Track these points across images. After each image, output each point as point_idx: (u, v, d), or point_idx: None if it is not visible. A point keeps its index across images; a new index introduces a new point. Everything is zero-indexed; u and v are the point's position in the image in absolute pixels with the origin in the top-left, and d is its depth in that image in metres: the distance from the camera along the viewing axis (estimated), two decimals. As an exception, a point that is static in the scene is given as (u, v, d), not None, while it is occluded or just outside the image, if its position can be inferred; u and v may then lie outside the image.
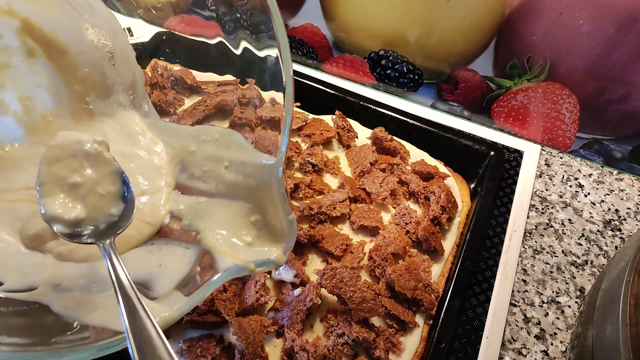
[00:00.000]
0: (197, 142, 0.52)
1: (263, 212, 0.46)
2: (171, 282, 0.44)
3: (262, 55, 0.49)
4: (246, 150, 0.49)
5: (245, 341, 0.51)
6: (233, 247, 0.45)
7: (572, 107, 0.76)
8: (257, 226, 0.46)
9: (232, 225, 0.47)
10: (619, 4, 0.62)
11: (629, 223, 0.74)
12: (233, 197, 0.48)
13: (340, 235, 0.63)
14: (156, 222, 0.49)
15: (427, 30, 0.77)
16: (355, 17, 0.82)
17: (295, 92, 0.82)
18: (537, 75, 0.75)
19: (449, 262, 0.66)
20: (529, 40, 0.72)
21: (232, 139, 0.51)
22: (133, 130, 0.54)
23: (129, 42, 0.57)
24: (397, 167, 0.72)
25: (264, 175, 0.46)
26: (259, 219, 0.46)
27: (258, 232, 0.46)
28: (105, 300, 0.41)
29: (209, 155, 0.51)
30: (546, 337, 0.62)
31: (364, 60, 0.88)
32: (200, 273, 0.44)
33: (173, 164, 0.52)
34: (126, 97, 0.55)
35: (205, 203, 0.49)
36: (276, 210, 0.44)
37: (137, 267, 0.45)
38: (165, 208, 0.50)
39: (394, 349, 0.56)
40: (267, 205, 0.45)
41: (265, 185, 0.45)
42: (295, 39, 0.91)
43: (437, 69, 0.83)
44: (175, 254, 0.46)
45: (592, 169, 0.80)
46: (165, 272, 0.44)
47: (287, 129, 0.44)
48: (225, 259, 0.43)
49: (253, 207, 0.47)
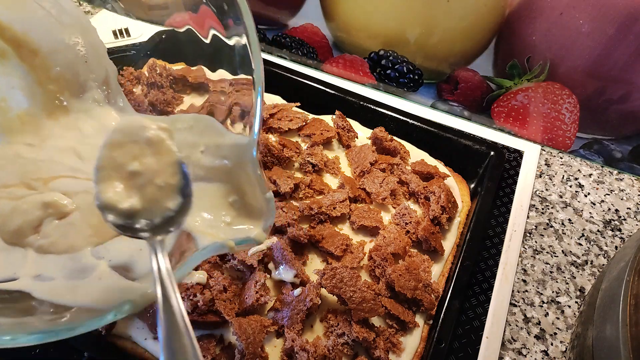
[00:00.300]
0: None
1: (241, 192, 0.47)
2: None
3: (232, 43, 0.50)
4: (221, 134, 0.49)
5: (245, 341, 0.51)
6: (212, 227, 0.45)
7: (572, 107, 0.76)
8: (236, 206, 0.47)
9: (210, 207, 0.47)
10: (619, 4, 0.62)
11: (629, 223, 0.74)
12: (211, 180, 0.49)
13: (340, 235, 0.63)
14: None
15: (427, 30, 0.77)
16: (355, 17, 0.82)
17: (295, 92, 0.83)
18: (537, 75, 0.75)
19: (449, 262, 0.66)
20: (529, 40, 0.72)
21: (207, 124, 0.51)
22: (109, 125, 0.54)
23: (99, 38, 0.57)
24: (397, 167, 0.72)
25: (238, 155, 0.46)
26: (237, 199, 0.47)
27: (237, 212, 0.46)
28: (85, 285, 0.41)
29: (184, 142, 0.51)
30: (546, 337, 0.62)
31: (364, 60, 0.88)
32: (181, 253, 0.44)
33: None
34: (100, 93, 0.56)
35: None
36: (253, 190, 0.44)
37: (119, 254, 0.45)
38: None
39: (394, 349, 0.56)
40: (244, 186, 0.46)
41: (240, 165, 0.46)
42: (295, 39, 0.91)
43: (437, 69, 0.83)
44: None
45: (592, 169, 0.80)
46: (145, 255, 0.44)
47: (258, 107, 0.44)
48: (204, 237, 0.43)
49: (231, 189, 0.47)
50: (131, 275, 0.43)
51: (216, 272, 0.58)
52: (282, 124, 0.74)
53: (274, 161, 0.69)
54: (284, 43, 0.93)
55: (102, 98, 0.55)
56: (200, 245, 0.42)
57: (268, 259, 0.59)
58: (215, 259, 0.60)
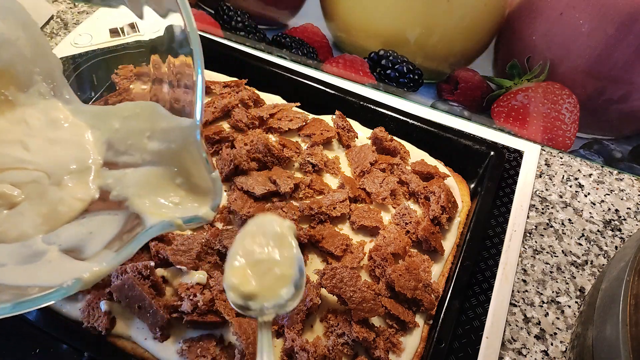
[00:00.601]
0: (119, 119, 0.55)
1: (188, 174, 0.49)
2: (100, 243, 0.46)
3: (168, 23, 0.52)
4: (166, 118, 0.51)
5: (245, 341, 0.51)
6: (161, 207, 0.48)
7: (572, 107, 0.76)
8: (184, 187, 0.49)
9: (158, 189, 0.49)
10: (619, 4, 0.62)
11: (629, 223, 0.74)
12: (158, 163, 0.51)
13: (340, 235, 0.63)
14: (86, 198, 0.51)
15: (427, 30, 0.77)
16: (355, 17, 0.82)
17: (295, 92, 0.83)
18: (537, 75, 0.75)
19: (449, 262, 0.66)
20: (529, 40, 0.71)
21: (152, 110, 0.53)
22: (56, 118, 0.56)
23: (41, 32, 0.58)
24: (397, 167, 0.72)
25: (183, 137, 0.48)
26: (184, 180, 0.49)
27: (185, 193, 0.49)
28: (36, 268, 0.44)
29: (131, 129, 0.53)
30: (546, 337, 0.62)
31: (364, 60, 0.88)
32: (129, 233, 0.46)
33: (99, 143, 0.55)
34: (46, 86, 0.57)
35: (131, 173, 0.52)
36: (199, 170, 0.46)
37: (69, 238, 0.47)
38: (95, 183, 0.52)
39: (394, 349, 0.56)
40: (191, 167, 0.48)
41: (185, 147, 0.48)
42: (295, 39, 0.91)
43: (437, 69, 0.83)
44: (105, 222, 0.49)
45: (592, 169, 0.80)
46: (95, 237, 0.47)
47: (199, 89, 0.46)
48: (152, 217, 0.45)
49: (178, 171, 0.50)
50: (81, 257, 0.46)
51: (216, 272, 0.58)
52: (282, 124, 0.74)
53: (274, 161, 0.69)
54: (284, 43, 0.93)
55: (48, 91, 0.57)
56: (148, 224, 0.44)
57: (268, 259, 0.59)
58: (215, 259, 0.60)
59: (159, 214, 0.46)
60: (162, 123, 0.51)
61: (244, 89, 0.78)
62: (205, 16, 0.96)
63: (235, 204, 0.63)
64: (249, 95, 0.77)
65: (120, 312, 0.57)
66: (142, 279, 0.55)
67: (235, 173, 0.67)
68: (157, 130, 0.52)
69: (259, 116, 0.74)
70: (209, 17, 0.96)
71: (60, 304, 0.58)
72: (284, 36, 0.92)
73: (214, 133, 0.70)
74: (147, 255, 0.60)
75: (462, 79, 0.82)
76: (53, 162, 0.52)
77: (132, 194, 0.49)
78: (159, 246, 0.59)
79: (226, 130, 0.72)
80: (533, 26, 0.70)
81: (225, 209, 0.65)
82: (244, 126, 0.73)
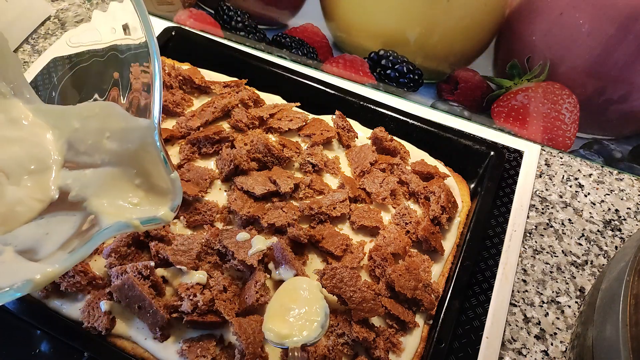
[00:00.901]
0: (80, 119, 0.55)
1: (147, 174, 0.49)
2: (55, 244, 0.46)
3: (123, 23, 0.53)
4: (124, 119, 0.52)
5: (245, 341, 0.51)
6: (119, 208, 0.48)
7: (572, 107, 0.76)
8: (143, 188, 0.49)
9: (117, 189, 0.50)
10: (619, 4, 0.62)
11: (629, 223, 0.74)
12: (117, 164, 0.51)
13: (340, 235, 0.63)
14: (45, 199, 0.52)
15: (427, 30, 0.77)
16: (355, 17, 0.82)
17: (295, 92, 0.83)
18: (537, 75, 0.75)
19: (449, 262, 0.66)
20: (529, 40, 0.71)
21: (111, 111, 0.54)
22: (17, 117, 0.56)
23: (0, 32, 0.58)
24: (397, 167, 0.72)
25: (141, 138, 0.48)
26: (143, 181, 0.49)
27: (144, 194, 0.49)
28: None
29: (91, 129, 0.54)
30: (546, 337, 0.62)
31: (364, 60, 0.88)
32: (86, 233, 0.46)
33: (60, 143, 0.55)
34: (6, 86, 0.57)
35: (90, 173, 0.52)
36: (159, 171, 0.47)
37: (25, 239, 0.48)
38: (54, 184, 0.53)
39: (394, 349, 0.56)
40: (150, 167, 0.48)
41: (144, 148, 0.48)
42: (295, 39, 0.91)
43: (437, 69, 0.83)
44: (62, 222, 0.50)
45: (592, 169, 0.80)
46: (51, 238, 0.48)
47: (156, 88, 0.46)
48: (108, 217, 0.46)
49: (137, 172, 0.50)
50: (36, 258, 0.46)
51: (216, 272, 0.58)
52: (282, 124, 0.74)
53: (274, 161, 0.69)
54: (284, 43, 0.93)
55: (8, 91, 0.57)
56: (104, 225, 0.44)
57: (268, 259, 0.59)
58: (215, 260, 0.60)
59: (115, 215, 0.46)
60: (120, 123, 0.52)
61: (244, 89, 0.78)
62: (205, 16, 0.96)
63: (235, 204, 0.63)
64: (249, 95, 0.77)
65: (120, 312, 0.57)
66: (142, 279, 0.55)
67: (235, 173, 0.67)
68: (116, 130, 0.52)
69: (259, 116, 0.74)
70: (209, 17, 0.96)
71: (60, 304, 0.58)
72: (284, 36, 0.92)
73: (214, 133, 0.70)
74: (147, 255, 0.60)
75: (462, 79, 0.81)
76: (12, 162, 0.52)
77: (90, 194, 0.49)
78: (159, 246, 0.59)
79: (226, 130, 0.72)
80: (533, 26, 0.70)
81: (225, 209, 0.65)
82: (244, 126, 0.73)
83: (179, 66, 0.81)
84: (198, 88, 0.79)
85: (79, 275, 0.56)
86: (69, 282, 0.56)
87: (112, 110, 0.54)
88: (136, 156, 0.49)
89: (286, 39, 0.92)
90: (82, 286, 0.57)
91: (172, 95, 0.76)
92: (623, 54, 0.66)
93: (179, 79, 0.78)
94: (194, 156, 0.71)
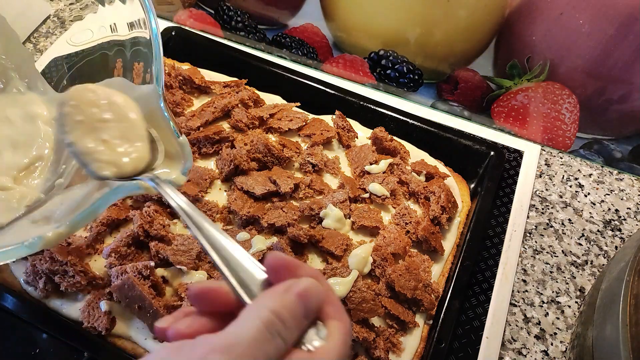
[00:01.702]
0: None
1: (156, 140, 0.50)
2: (68, 208, 0.48)
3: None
4: (131, 88, 0.53)
5: (245, 341, 0.51)
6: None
7: (572, 107, 0.76)
8: (153, 154, 0.50)
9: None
10: (619, 4, 0.62)
11: (629, 223, 0.74)
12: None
13: (340, 235, 0.63)
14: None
15: (427, 30, 0.77)
16: (355, 17, 0.82)
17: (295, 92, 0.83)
18: (537, 75, 0.75)
19: (449, 262, 0.66)
20: (529, 40, 0.71)
21: (119, 83, 0.55)
22: (35, 112, 0.58)
23: (10, 26, 0.59)
24: (397, 167, 0.72)
25: (147, 104, 0.49)
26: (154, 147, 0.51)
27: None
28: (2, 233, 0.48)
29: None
30: (546, 337, 0.62)
31: (364, 60, 0.88)
32: (96, 194, 0.47)
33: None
34: (21, 81, 0.58)
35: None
36: (167, 136, 0.48)
37: (43, 211, 0.50)
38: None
39: (394, 349, 0.56)
40: (159, 134, 0.49)
41: (152, 114, 0.49)
42: (295, 39, 0.91)
43: (437, 69, 0.83)
44: (75, 191, 0.52)
45: (592, 169, 0.80)
46: (63, 205, 0.50)
47: (156, 51, 0.47)
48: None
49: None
50: (51, 223, 0.48)
51: (216, 273, 0.58)
52: (282, 124, 0.74)
53: (274, 161, 0.69)
54: (284, 43, 0.93)
55: (25, 86, 0.59)
56: (113, 186, 0.45)
57: (268, 259, 0.59)
58: (215, 259, 0.60)
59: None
60: (129, 94, 0.52)
61: (244, 89, 0.78)
62: (205, 16, 0.96)
63: (235, 204, 0.63)
64: (249, 95, 0.77)
65: (120, 312, 0.57)
66: (142, 279, 0.55)
67: (235, 173, 0.67)
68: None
69: (259, 116, 0.74)
70: (209, 17, 0.96)
71: (60, 304, 0.58)
72: (284, 36, 0.92)
73: (214, 133, 0.70)
74: (147, 255, 0.60)
75: (462, 79, 0.81)
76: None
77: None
78: (159, 246, 0.59)
79: (226, 130, 0.72)
80: (533, 26, 0.70)
81: (225, 209, 0.65)
82: (244, 126, 0.73)
83: (179, 66, 0.81)
84: (198, 88, 0.79)
85: (79, 275, 0.56)
86: (69, 282, 0.56)
87: (120, 82, 0.55)
88: (146, 122, 0.51)
89: (286, 39, 0.92)
90: (82, 286, 0.57)
91: (172, 95, 0.76)
92: (623, 54, 0.66)
93: (179, 79, 0.78)
94: (194, 156, 0.71)
